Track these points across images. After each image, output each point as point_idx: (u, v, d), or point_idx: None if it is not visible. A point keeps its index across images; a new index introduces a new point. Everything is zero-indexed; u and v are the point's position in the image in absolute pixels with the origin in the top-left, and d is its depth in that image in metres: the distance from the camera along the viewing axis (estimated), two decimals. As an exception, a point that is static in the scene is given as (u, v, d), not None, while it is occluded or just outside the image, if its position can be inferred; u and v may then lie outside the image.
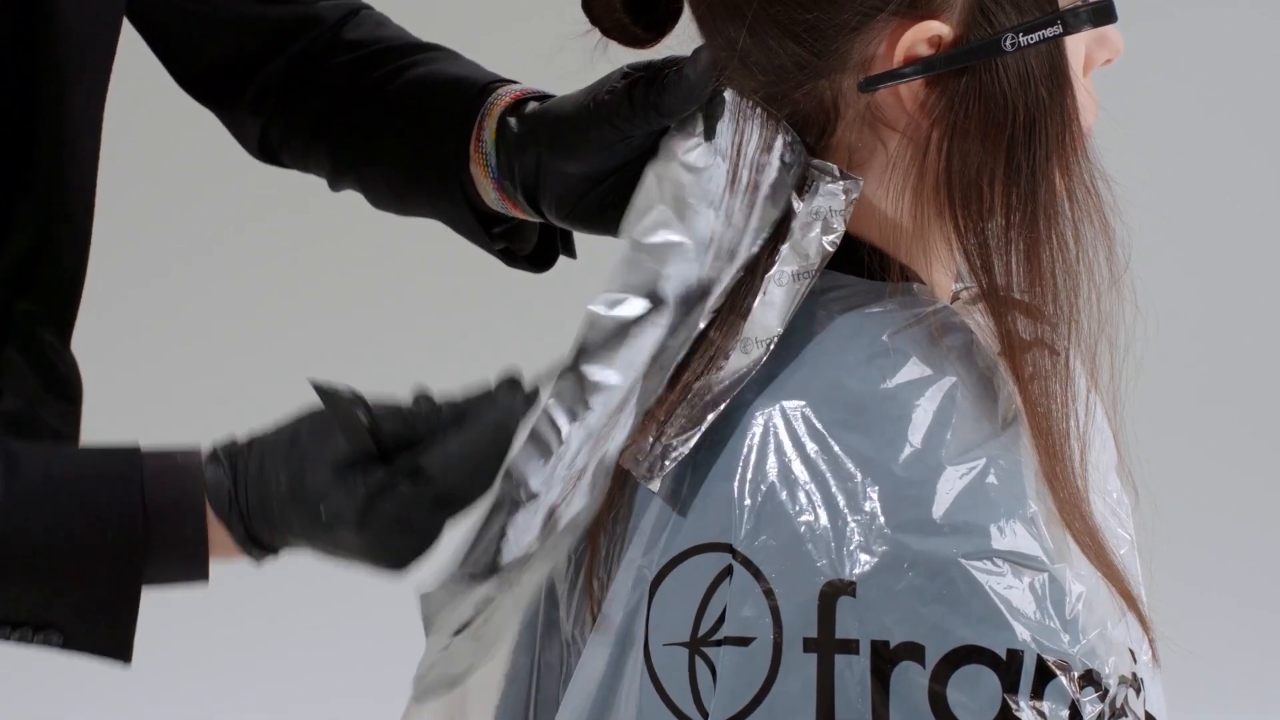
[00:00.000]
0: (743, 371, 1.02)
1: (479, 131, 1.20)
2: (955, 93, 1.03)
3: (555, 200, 1.16)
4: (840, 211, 1.04)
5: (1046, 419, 1.04)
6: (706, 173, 1.06)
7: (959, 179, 1.04)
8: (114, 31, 1.24)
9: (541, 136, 1.15)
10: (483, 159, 1.19)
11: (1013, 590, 0.97)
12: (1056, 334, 1.06)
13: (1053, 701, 0.96)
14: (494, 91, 1.21)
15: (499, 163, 1.18)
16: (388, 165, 1.26)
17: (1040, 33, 1.03)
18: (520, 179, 1.17)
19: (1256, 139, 3.34)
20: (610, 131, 1.11)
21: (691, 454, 1.02)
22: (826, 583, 0.97)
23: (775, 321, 1.03)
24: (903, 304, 1.05)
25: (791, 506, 0.99)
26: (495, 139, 1.18)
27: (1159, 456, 1.14)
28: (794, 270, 1.04)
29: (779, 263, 1.04)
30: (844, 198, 1.04)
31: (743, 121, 1.06)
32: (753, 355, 1.03)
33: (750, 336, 1.03)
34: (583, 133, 1.12)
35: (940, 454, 1.00)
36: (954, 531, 0.98)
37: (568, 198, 1.15)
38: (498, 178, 1.19)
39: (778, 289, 1.03)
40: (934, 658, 0.96)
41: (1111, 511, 1.09)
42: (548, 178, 1.15)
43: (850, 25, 1.03)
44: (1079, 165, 1.06)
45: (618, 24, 1.09)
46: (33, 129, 1.19)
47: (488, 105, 1.20)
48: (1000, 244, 1.05)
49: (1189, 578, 1.26)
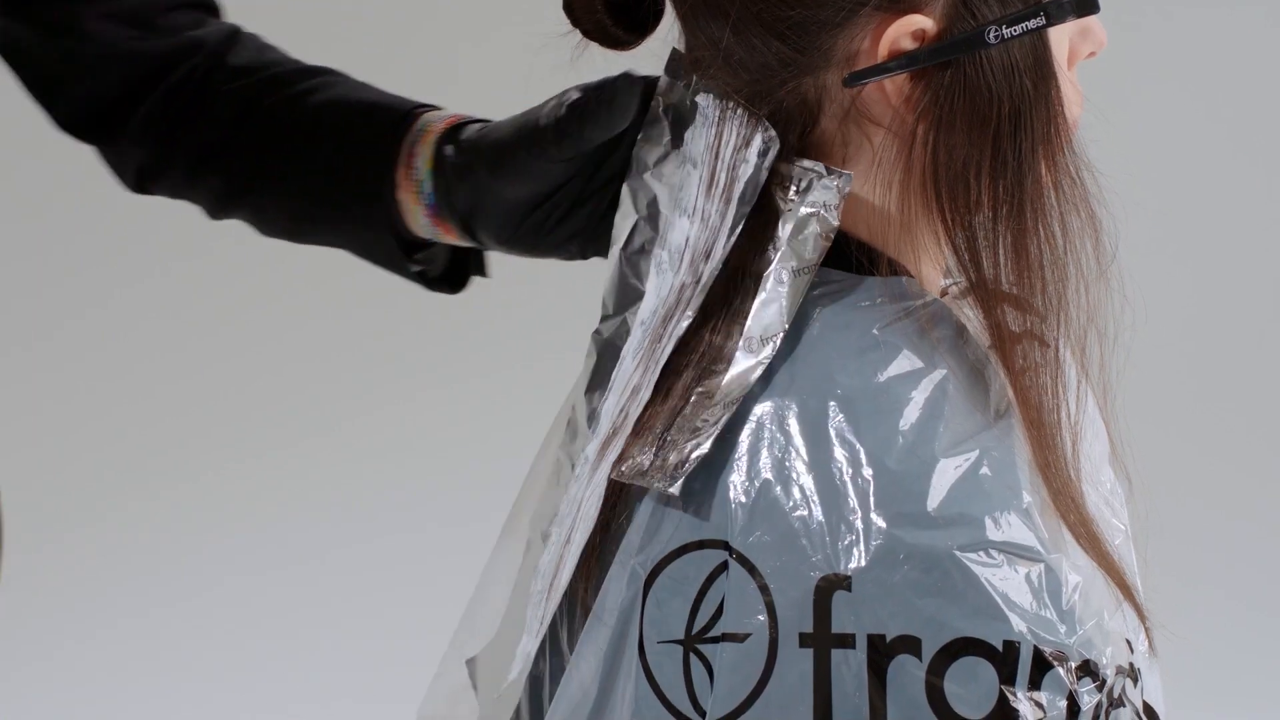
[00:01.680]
0: (750, 370, 1.03)
1: (410, 159, 1.19)
2: (940, 86, 1.03)
3: (495, 227, 1.16)
4: (835, 207, 1.04)
5: (1038, 410, 1.04)
6: (678, 180, 1.06)
7: (945, 172, 1.04)
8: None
9: (479, 164, 1.15)
10: (414, 186, 1.19)
11: (1008, 581, 0.97)
12: (1046, 325, 1.06)
13: (1050, 692, 0.96)
14: (420, 118, 1.21)
15: (436, 189, 1.18)
16: (290, 192, 1.25)
17: (1023, 24, 1.03)
18: (460, 206, 1.17)
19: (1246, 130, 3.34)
20: (543, 158, 1.12)
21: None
22: (822, 577, 0.97)
23: (779, 318, 1.03)
24: (892, 298, 1.05)
25: (785, 502, 0.99)
26: (431, 167, 1.18)
27: (1151, 446, 1.14)
28: (794, 267, 1.04)
29: (777, 260, 1.04)
30: (836, 193, 1.04)
31: (720, 124, 1.06)
32: (760, 354, 1.03)
33: (754, 335, 1.03)
34: (519, 159, 1.13)
35: (933, 446, 1.00)
36: (948, 524, 0.98)
37: (507, 224, 1.15)
38: (433, 204, 1.18)
39: (779, 287, 1.03)
40: (930, 651, 0.96)
41: (1105, 501, 1.09)
42: (486, 204, 1.15)
43: (834, 21, 1.03)
44: (1065, 157, 1.06)
45: (599, 25, 1.08)
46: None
47: (417, 132, 1.20)
48: (988, 237, 1.05)
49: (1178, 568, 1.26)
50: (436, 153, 1.18)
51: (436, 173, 1.18)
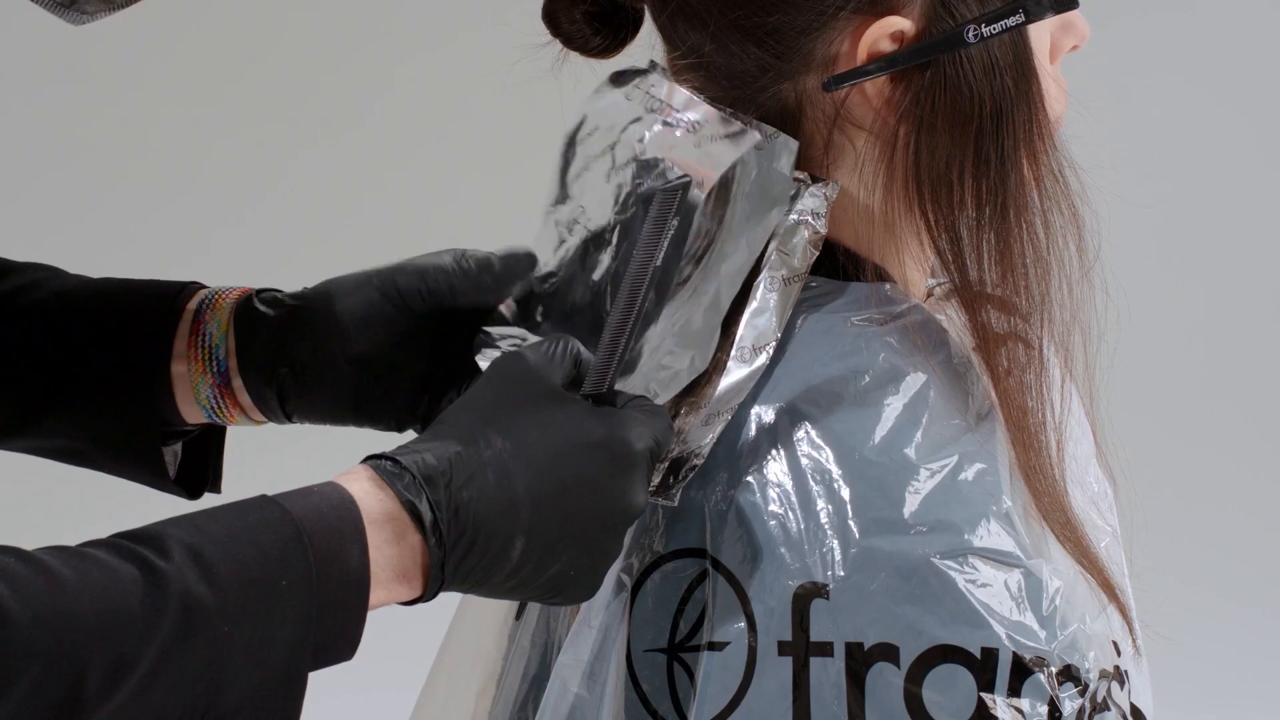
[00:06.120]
0: (745, 379, 1.02)
1: (196, 326, 1.14)
2: (920, 87, 1.03)
3: (321, 386, 1.12)
4: (823, 215, 1.04)
5: (1022, 412, 1.04)
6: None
7: (928, 173, 1.04)
8: None
9: (329, 320, 1.12)
10: (202, 354, 1.14)
11: (987, 588, 0.97)
12: (1030, 325, 1.06)
13: (1031, 699, 0.96)
14: (198, 291, 1.16)
15: (239, 351, 1.13)
16: (24, 382, 1.17)
17: (1002, 22, 1.02)
18: (273, 364, 1.13)
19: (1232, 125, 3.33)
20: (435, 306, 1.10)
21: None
22: (800, 586, 0.97)
23: (771, 327, 1.03)
24: (875, 303, 1.05)
25: (765, 510, 0.99)
26: (230, 331, 1.14)
27: (1136, 445, 1.14)
28: (784, 275, 1.03)
29: (766, 269, 1.03)
30: (824, 201, 1.04)
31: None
32: (754, 363, 1.02)
33: (746, 344, 1.03)
34: (395, 309, 1.11)
35: (912, 452, 1.00)
36: (927, 531, 0.98)
37: (339, 384, 1.12)
38: (224, 372, 1.14)
39: (770, 294, 1.03)
40: (909, 658, 0.96)
41: (1091, 502, 1.09)
42: (315, 364, 1.12)
43: (812, 25, 1.02)
44: (1047, 155, 1.05)
45: (579, 35, 1.08)
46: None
47: (202, 301, 1.15)
48: (971, 237, 1.05)
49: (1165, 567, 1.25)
50: (239, 313, 1.14)
51: (241, 334, 1.13)
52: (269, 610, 0.87)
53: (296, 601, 0.88)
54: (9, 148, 3.27)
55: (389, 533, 0.91)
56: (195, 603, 0.85)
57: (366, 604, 0.90)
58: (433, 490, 0.92)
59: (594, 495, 0.94)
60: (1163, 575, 1.20)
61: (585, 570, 0.95)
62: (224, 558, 0.87)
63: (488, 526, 0.92)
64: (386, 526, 0.91)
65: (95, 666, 0.83)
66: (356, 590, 0.90)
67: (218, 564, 0.86)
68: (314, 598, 0.88)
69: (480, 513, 0.92)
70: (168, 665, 0.84)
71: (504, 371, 0.98)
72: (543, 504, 0.93)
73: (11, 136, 3.29)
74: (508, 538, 0.92)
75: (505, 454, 0.93)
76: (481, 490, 0.92)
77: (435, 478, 0.92)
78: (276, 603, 0.87)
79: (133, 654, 0.83)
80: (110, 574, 0.84)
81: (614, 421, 0.95)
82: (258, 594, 0.87)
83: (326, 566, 0.89)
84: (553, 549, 0.94)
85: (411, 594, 0.93)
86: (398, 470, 0.92)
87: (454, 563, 0.92)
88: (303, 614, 0.88)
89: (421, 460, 0.92)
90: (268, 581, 0.87)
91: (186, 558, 0.86)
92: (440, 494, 0.92)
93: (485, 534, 0.92)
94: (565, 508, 0.93)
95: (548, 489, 0.93)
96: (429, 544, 0.91)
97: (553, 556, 0.94)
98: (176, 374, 1.15)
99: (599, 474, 0.94)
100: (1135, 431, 1.15)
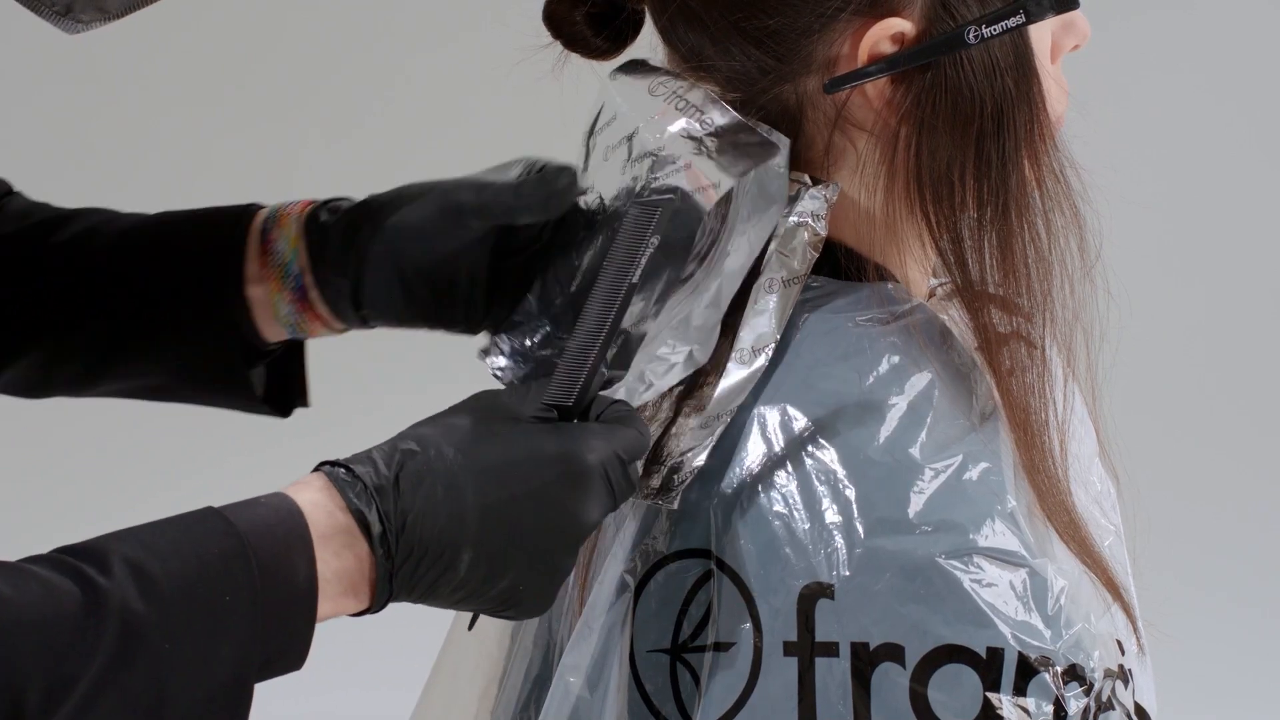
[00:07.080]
0: (744, 380, 1.02)
1: (265, 246, 1.16)
2: (921, 88, 1.03)
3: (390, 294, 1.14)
4: (822, 216, 1.04)
5: (1025, 411, 1.04)
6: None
7: (929, 174, 1.04)
8: None
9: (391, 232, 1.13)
10: (276, 273, 1.16)
11: (992, 588, 0.97)
12: (1032, 325, 1.06)
13: (1036, 698, 0.96)
14: (259, 212, 1.18)
15: (312, 264, 1.16)
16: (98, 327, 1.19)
17: (1003, 23, 1.02)
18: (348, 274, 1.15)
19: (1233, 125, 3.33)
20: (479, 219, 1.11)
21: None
22: (805, 586, 0.97)
23: (771, 329, 1.03)
24: (878, 303, 1.05)
25: (770, 510, 0.99)
26: (298, 244, 1.16)
27: (1139, 444, 1.14)
28: (784, 277, 1.04)
29: (765, 271, 1.03)
30: (824, 203, 1.04)
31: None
32: (753, 364, 1.02)
33: (745, 346, 1.03)
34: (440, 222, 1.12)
35: (917, 452, 1.00)
36: (932, 530, 0.97)
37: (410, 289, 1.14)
38: (300, 287, 1.16)
39: (769, 296, 1.03)
40: (914, 658, 0.96)
41: (1095, 501, 1.09)
42: (382, 271, 1.13)
43: (812, 27, 1.02)
44: (1048, 155, 1.05)
45: (580, 36, 1.09)
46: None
47: (267, 220, 1.17)
48: (973, 237, 1.05)
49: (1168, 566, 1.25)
50: (308, 226, 1.16)
51: (313, 247, 1.15)
52: (211, 626, 0.87)
53: (240, 616, 0.88)
54: (9, 148, 3.27)
55: (336, 545, 0.91)
56: (135, 619, 0.85)
57: (315, 617, 0.91)
58: (383, 500, 0.92)
59: (543, 508, 0.94)
60: (1164, 574, 1.20)
61: (535, 584, 0.95)
62: (166, 573, 0.87)
63: (436, 537, 0.92)
64: (334, 539, 0.91)
65: (35, 685, 0.83)
66: (304, 603, 0.90)
67: (160, 579, 0.86)
68: (259, 612, 0.88)
69: (428, 524, 0.92)
70: (108, 683, 0.84)
71: (475, 400, 0.99)
72: (490, 515, 0.93)
73: (11, 136, 3.29)
74: (455, 549, 0.93)
75: (456, 465, 0.93)
76: (430, 500, 0.92)
77: (386, 488, 0.92)
78: (219, 619, 0.87)
79: (72, 672, 0.83)
80: (49, 591, 0.84)
81: (568, 436, 0.95)
82: (200, 610, 0.87)
83: (272, 580, 0.89)
84: (501, 561, 0.94)
85: (359, 606, 0.93)
86: (350, 478, 0.92)
87: (403, 576, 0.92)
88: (247, 629, 0.88)
89: (374, 470, 0.93)
90: (210, 598, 0.87)
91: (127, 574, 0.86)
92: (390, 504, 0.92)
93: (434, 545, 0.92)
94: (513, 519, 0.94)
95: (495, 500, 0.93)
96: (376, 556, 0.92)
97: (501, 569, 0.94)
98: (252, 296, 1.17)
99: (549, 487, 0.94)
100: (1137, 431, 1.15)
